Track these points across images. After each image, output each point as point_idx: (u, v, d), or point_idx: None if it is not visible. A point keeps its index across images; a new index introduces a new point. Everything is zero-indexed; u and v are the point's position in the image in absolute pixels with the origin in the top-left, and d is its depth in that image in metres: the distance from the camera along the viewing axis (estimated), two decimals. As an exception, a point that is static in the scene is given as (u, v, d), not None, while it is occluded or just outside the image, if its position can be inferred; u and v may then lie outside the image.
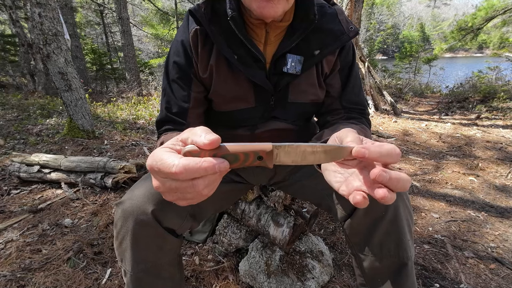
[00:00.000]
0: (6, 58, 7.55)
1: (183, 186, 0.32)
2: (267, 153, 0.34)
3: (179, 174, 0.30)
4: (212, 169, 0.30)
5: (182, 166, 0.30)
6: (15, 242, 1.31)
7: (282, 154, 0.35)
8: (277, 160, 0.36)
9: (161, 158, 0.32)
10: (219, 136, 0.32)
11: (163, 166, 0.31)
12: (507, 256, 1.27)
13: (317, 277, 1.04)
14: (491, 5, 6.48)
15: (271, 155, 0.35)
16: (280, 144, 0.34)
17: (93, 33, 14.23)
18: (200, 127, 0.34)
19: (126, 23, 6.69)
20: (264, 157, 0.34)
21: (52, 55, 2.60)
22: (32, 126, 3.37)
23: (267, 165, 0.35)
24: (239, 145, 0.33)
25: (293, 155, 0.36)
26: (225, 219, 1.24)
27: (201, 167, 0.30)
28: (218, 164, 0.31)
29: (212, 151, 0.32)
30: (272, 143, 0.34)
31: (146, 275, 0.64)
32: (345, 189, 0.39)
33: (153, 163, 0.32)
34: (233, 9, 0.61)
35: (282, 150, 0.35)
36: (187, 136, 0.34)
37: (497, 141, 3.02)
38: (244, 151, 0.33)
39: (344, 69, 0.73)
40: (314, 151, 0.36)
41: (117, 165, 1.81)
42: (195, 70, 0.68)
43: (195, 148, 0.32)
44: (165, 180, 0.33)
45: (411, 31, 46.38)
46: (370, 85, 4.58)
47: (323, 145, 0.36)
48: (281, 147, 0.35)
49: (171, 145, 0.34)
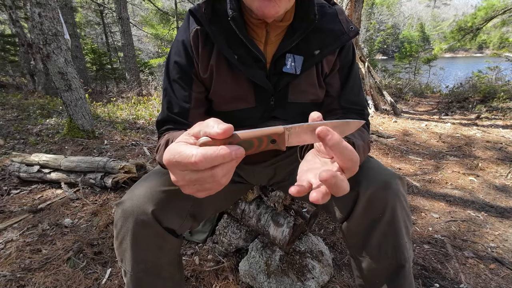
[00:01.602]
0: (6, 58, 7.55)
1: (204, 176, 0.32)
2: (280, 135, 0.35)
3: (198, 163, 0.31)
4: (229, 155, 0.31)
5: (201, 155, 0.31)
6: (15, 242, 1.31)
7: (293, 135, 0.36)
8: (289, 142, 0.37)
9: (178, 151, 0.32)
10: (231, 125, 0.32)
11: (182, 157, 0.32)
12: (507, 256, 1.27)
13: (317, 277, 1.04)
14: (491, 5, 6.48)
15: (283, 138, 0.36)
16: (290, 126, 0.36)
17: (93, 33, 14.24)
18: (211, 118, 0.34)
19: (126, 23, 6.69)
20: (277, 140, 0.35)
21: (52, 55, 2.60)
22: (32, 126, 3.36)
23: (280, 148, 0.36)
24: (252, 131, 0.34)
25: (303, 135, 0.37)
26: (225, 219, 1.24)
27: (219, 154, 0.31)
28: (234, 150, 0.31)
29: (226, 140, 0.33)
30: (282, 126, 0.35)
31: (146, 275, 0.64)
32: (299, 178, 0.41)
33: (171, 156, 0.33)
34: (234, 9, 0.61)
35: (293, 131, 0.36)
36: (199, 129, 0.34)
37: (497, 141, 3.02)
38: (257, 136, 0.34)
39: (344, 68, 0.72)
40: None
41: (117, 165, 1.81)
42: (196, 70, 0.68)
43: (209, 140, 0.33)
44: (185, 172, 0.33)
45: (411, 31, 46.42)
46: (370, 85, 4.58)
47: (331, 122, 0.37)
48: (292, 128, 0.36)
49: (184, 140, 0.35)
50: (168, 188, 0.64)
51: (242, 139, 0.33)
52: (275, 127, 0.35)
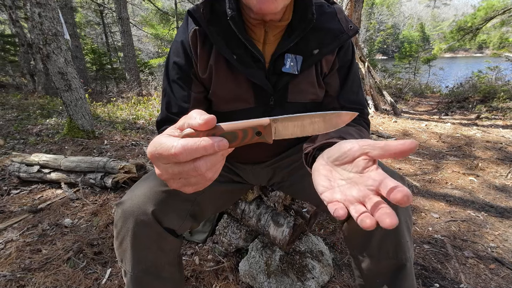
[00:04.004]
0: (6, 58, 7.55)
1: (185, 169, 0.32)
2: (265, 127, 0.34)
3: (178, 154, 0.30)
4: (211, 147, 0.30)
5: (181, 146, 0.30)
6: (15, 242, 1.31)
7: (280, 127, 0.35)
8: (276, 134, 0.35)
9: (160, 143, 0.32)
10: (214, 116, 0.32)
11: (163, 149, 0.31)
12: (507, 256, 1.27)
13: (317, 277, 1.04)
14: (490, 5, 6.48)
15: (269, 130, 0.34)
16: (277, 118, 0.34)
17: (93, 33, 14.23)
18: (195, 110, 0.34)
19: (126, 23, 6.69)
20: (262, 132, 0.34)
21: (52, 55, 2.60)
22: (32, 126, 3.36)
23: (267, 140, 0.35)
24: (236, 123, 0.33)
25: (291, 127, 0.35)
26: (225, 219, 1.24)
27: (199, 145, 0.30)
28: (217, 142, 0.31)
29: (209, 132, 0.32)
30: (269, 117, 0.34)
31: (146, 275, 0.64)
32: (328, 196, 0.39)
33: (153, 149, 0.32)
34: (233, 9, 0.61)
35: (280, 123, 0.35)
36: (183, 122, 0.34)
37: (497, 141, 3.02)
38: (242, 128, 0.33)
39: (343, 68, 0.72)
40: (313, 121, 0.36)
41: (117, 165, 1.81)
42: (195, 70, 0.68)
43: (192, 131, 0.32)
44: (167, 165, 0.33)
45: (411, 31, 46.41)
46: (370, 85, 4.58)
47: (321, 113, 0.35)
48: (279, 120, 0.34)
49: (169, 132, 0.34)
50: (168, 188, 0.64)
51: (226, 131, 0.33)
52: (261, 119, 0.34)
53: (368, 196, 0.34)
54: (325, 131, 0.38)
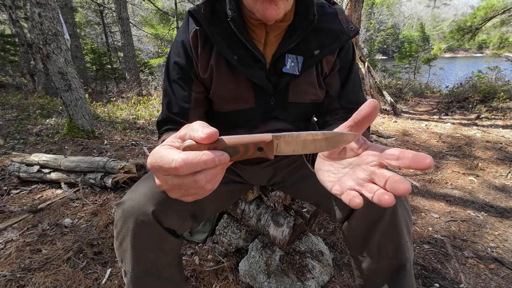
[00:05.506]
0: (6, 58, 7.54)
1: (185, 182, 0.32)
2: (267, 143, 0.34)
3: (179, 168, 0.30)
4: (212, 161, 0.30)
5: (182, 160, 0.30)
6: (15, 242, 1.31)
7: (282, 144, 0.35)
8: (277, 151, 0.35)
9: (160, 156, 0.32)
10: (216, 129, 0.31)
11: (163, 162, 0.31)
12: (507, 256, 1.27)
13: (317, 277, 1.04)
14: (490, 5, 6.48)
15: (271, 146, 0.34)
16: (279, 134, 0.34)
17: (93, 33, 14.22)
18: (198, 121, 0.33)
19: (126, 23, 6.69)
20: (264, 148, 0.34)
21: (52, 55, 2.60)
22: (32, 126, 3.36)
23: (268, 156, 0.35)
24: (238, 137, 0.33)
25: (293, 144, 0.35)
26: (225, 219, 1.24)
27: (200, 160, 0.30)
28: (217, 156, 0.30)
29: (210, 145, 0.32)
30: (271, 134, 0.34)
31: (146, 276, 0.64)
32: (338, 189, 0.39)
33: (153, 161, 0.32)
34: (233, 10, 0.61)
35: (282, 140, 0.35)
36: (185, 132, 0.33)
37: (497, 141, 3.02)
38: (244, 143, 0.33)
39: (344, 68, 0.72)
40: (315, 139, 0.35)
41: (117, 165, 1.81)
42: (195, 70, 0.68)
43: (194, 143, 0.32)
44: (167, 177, 0.33)
45: (411, 31, 46.42)
46: (370, 85, 4.59)
47: (324, 132, 0.35)
48: (281, 137, 0.34)
49: (170, 142, 0.34)
50: None
51: (228, 145, 0.32)
52: (264, 135, 0.33)
53: (374, 172, 0.35)
54: (327, 150, 0.38)
